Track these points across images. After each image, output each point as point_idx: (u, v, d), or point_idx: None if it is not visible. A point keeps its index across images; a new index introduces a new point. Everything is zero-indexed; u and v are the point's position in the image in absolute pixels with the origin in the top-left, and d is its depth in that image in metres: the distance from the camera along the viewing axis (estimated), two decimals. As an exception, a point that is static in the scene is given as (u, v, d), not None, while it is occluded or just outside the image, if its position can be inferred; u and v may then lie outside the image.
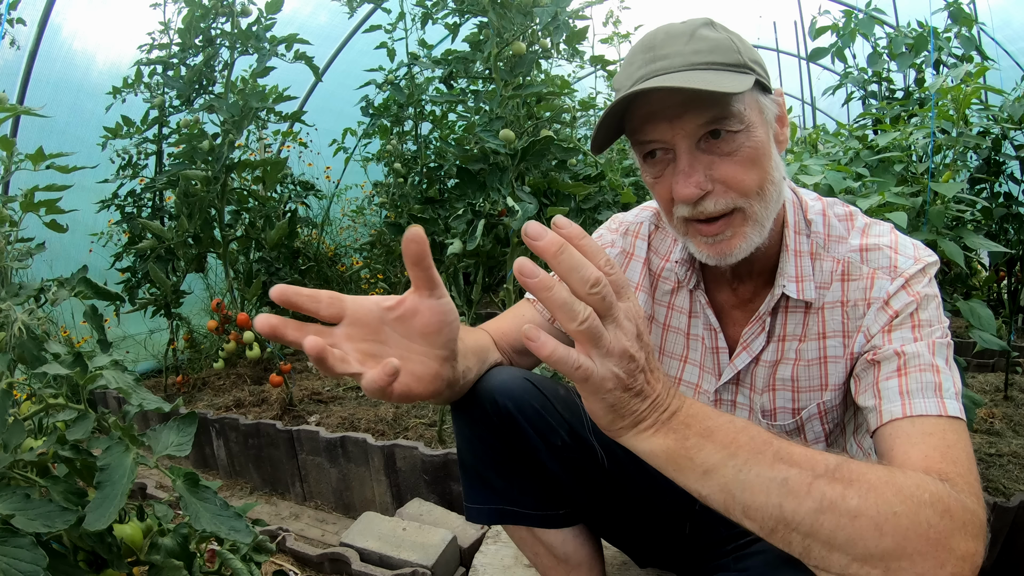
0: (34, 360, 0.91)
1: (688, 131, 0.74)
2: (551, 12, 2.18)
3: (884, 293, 0.80)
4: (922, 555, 0.54)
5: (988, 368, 2.68)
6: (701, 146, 0.76)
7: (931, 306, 0.79)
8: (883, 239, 0.84)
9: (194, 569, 1.00)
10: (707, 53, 0.74)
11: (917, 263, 0.81)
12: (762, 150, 0.76)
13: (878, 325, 0.80)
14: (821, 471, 0.56)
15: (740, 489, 0.56)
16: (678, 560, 1.14)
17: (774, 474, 0.55)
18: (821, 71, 4.68)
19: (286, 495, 2.26)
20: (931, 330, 0.77)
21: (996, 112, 1.97)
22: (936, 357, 0.75)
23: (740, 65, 0.74)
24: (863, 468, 0.57)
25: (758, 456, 0.56)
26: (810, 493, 0.55)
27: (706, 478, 0.57)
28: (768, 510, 0.55)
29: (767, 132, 0.78)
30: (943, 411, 0.70)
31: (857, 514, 0.54)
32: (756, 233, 0.79)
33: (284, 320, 0.55)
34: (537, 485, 1.01)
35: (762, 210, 0.78)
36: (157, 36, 2.79)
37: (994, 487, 1.60)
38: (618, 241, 1.04)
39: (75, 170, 1.29)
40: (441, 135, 3.47)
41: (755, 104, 0.76)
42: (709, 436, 0.57)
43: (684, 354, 1.00)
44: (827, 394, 0.88)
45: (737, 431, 0.57)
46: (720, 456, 0.56)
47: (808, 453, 0.57)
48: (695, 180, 0.75)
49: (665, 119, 0.75)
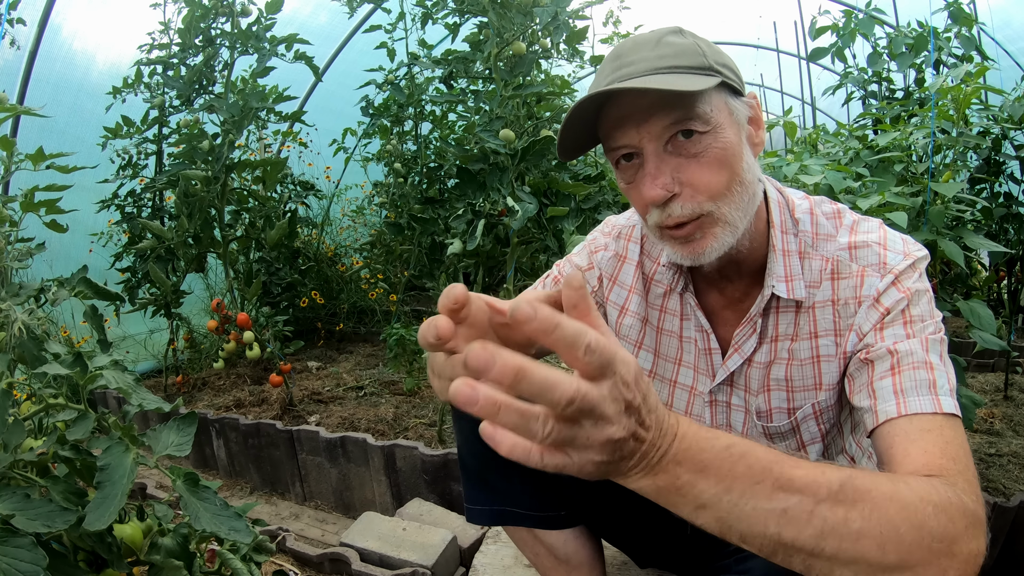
0: (34, 360, 0.91)
1: (654, 133, 0.75)
2: (551, 12, 2.18)
3: (874, 291, 0.80)
4: (926, 565, 0.54)
5: (988, 368, 2.68)
6: (668, 149, 0.76)
7: (922, 301, 0.79)
8: (871, 236, 0.84)
9: (194, 569, 1.00)
10: (671, 57, 0.75)
11: (907, 259, 0.81)
12: (731, 151, 0.77)
13: (870, 323, 0.80)
14: (824, 495, 0.54)
15: (736, 521, 0.54)
16: (679, 561, 1.14)
17: (773, 505, 0.53)
18: (821, 71, 4.68)
19: (286, 495, 2.26)
20: (923, 326, 0.77)
21: (996, 112, 1.97)
22: (929, 353, 0.75)
23: (705, 68, 0.75)
24: (868, 485, 0.56)
25: (756, 487, 0.53)
26: (811, 521, 0.53)
27: (700, 512, 0.54)
28: (767, 538, 0.54)
29: (738, 134, 0.78)
30: (938, 408, 0.70)
31: (860, 536, 0.54)
32: (728, 234, 0.79)
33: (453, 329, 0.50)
34: (538, 486, 1.01)
35: (731, 212, 0.78)
36: (157, 36, 2.79)
37: (994, 487, 1.60)
38: (611, 244, 1.04)
39: (75, 170, 1.29)
40: (441, 135, 3.47)
41: (723, 106, 0.77)
42: (703, 471, 0.53)
43: (678, 356, 1.00)
44: (822, 394, 0.88)
45: (735, 461, 0.54)
46: (715, 491, 0.53)
47: (811, 475, 0.55)
48: (661, 182, 0.76)
49: (632, 123, 0.76)
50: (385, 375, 2.80)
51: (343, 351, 3.37)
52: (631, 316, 1.02)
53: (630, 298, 1.02)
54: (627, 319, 1.02)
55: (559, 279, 1.05)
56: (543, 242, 2.23)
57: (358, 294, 3.57)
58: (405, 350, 2.47)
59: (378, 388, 2.67)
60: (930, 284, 0.82)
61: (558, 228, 2.17)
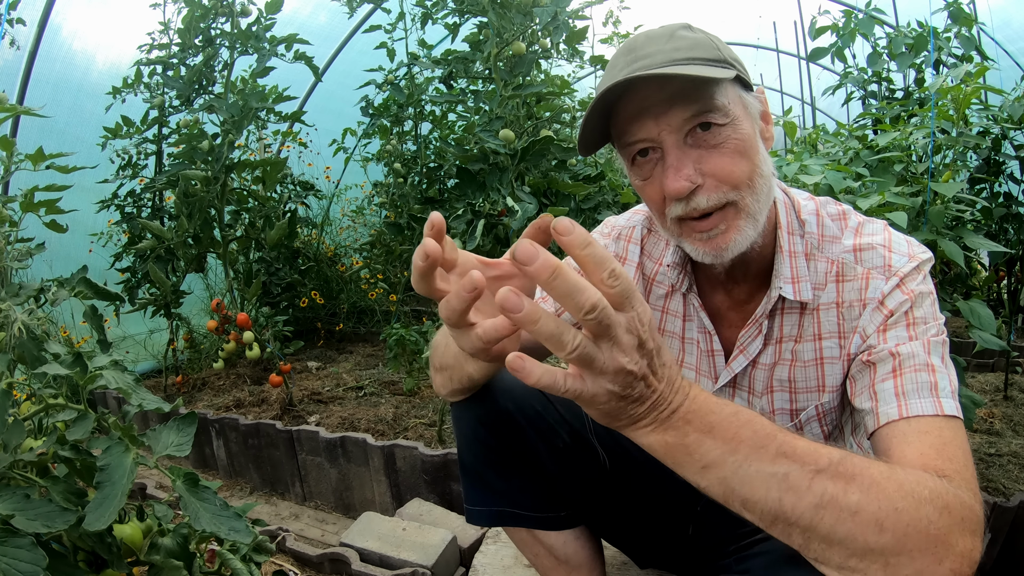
0: (34, 360, 0.91)
1: (675, 126, 0.75)
2: (551, 12, 2.18)
3: (879, 293, 0.80)
4: (921, 551, 0.54)
5: (988, 368, 2.68)
6: (688, 141, 0.76)
7: (926, 303, 0.79)
8: (876, 238, 0.84)
9: (194, 569, 1.00)
10: (687, 50, 0.75)
11: (912, 260, 0.81)
12: (749, 143, 0.77)
13: (873, 325, 0.80)
14: (824, 465, 0.56)
15: (740, 484, 0.56)
16: (679, 560, 1.13)
17: (775, 469, 0.55)
18: (821, 71, 4.68)
19: (286, 495, 2.26)
20: (926, 328, 0.77)
21: (996, 112, 1.97)
22: (931, 356, 0.74)
23: (721, 60, 0.75)
24: (865, 463, 0.58)
25: (760, 451, 0.56)
26: (811, 489, 0.55)
27: (705, 472, 0.57)
28: (768, 504, 0.56)
29: (753, 127, 0.78)
30: (939, 410, 0.70)
31: (857, 510, 0.54)
32: (750, 226, 0.79)
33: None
34: (538, 486, 1.01)
35: (754, 203, 0.78)
36: (157, 36, 2.79)
37: (994, 487, 1.60)
38: (610, 246, 1.04)
39: (75, 170, 1.29)
40: (441, 135, 3.47)
41: (738, 99, 0.77)
42: (710, 432, 0.56)
43: (679, 358, 1.00)
44: (825, 396, 0.88)
45: (740, 425, 0.57)
46: (720, 452, 0.56)
47: (811, 447, 0.57)
48: (685, 173, 0.75)
49: (651, 116, 0.75)
50: (385, 375, 2.80)
51: (343, 351, 3.37)
52: None
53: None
54: None
55: None
56: (543, 242, 2.23)
57: (358, 294, 3.57)
58: (405, 350, 2.47)
59: (378, 388, 2.67)
60: (933, 286, 0.82)
61: (558, 228, 2.16)
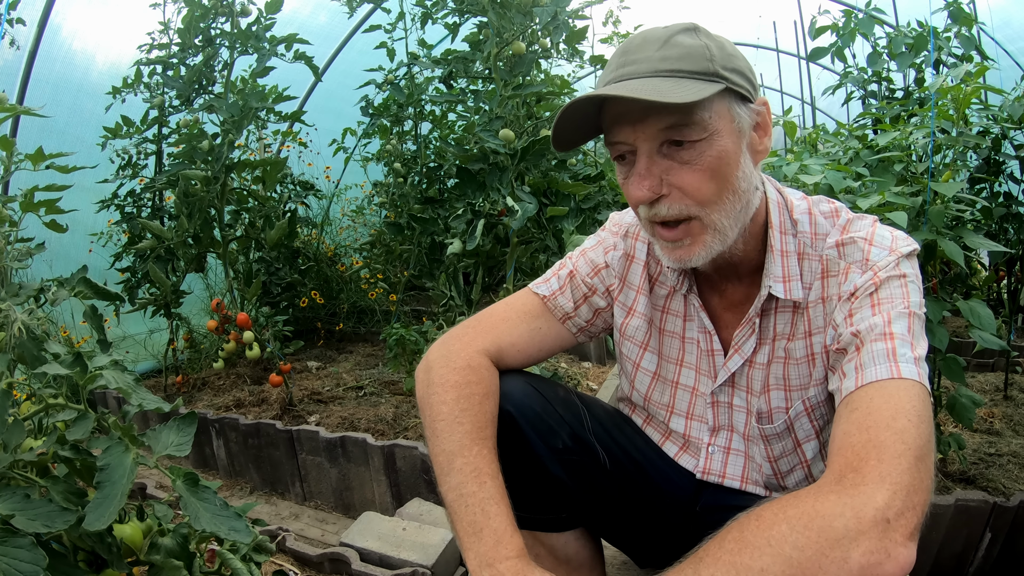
0: (34, 360, 0.91)
1: (649, 135, 0.76)
2: (551, 12, 2.18)
3: (853, 286, 0.80)
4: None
5: (988, 368, 2.68)
6: (663, 151, 0.77)
7: (893, 284, 0.78)
8: (859, 233, 0.84)
9: (194, 569, 1.00)
10: (675, 60, 0.74)
11: (891, 255, 0.80)
12: (725, 159, 0.76)
13: (842, 314, 0.80)
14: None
15: None
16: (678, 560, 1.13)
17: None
18: (821, 71, 4.68)
19: (286, 495, 2.26)
20: (891, 305, 0.76)
21: (996, 112, 1.97)
22: (892, 325, 0.74)
23: (709, 73, 0.74)
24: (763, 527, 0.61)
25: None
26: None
27: None
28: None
29: (737, 141, 0.77)
30: (896, 374, 0.69)
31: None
32: (717, 241, 0.79)
33: None
34: (539, 488, 1.01)
35: (721, 219, 0.78)
36: (157, 36, 2.79)
37: (994, 487, 1.60)
38: (620, 244, 1.04)
39: (75, 170, 1.29)
40: (441, 135, 3.47)
41: (725, 112, 0.76)
42: None
43: (680, 357, 1.00)
44: (811, 390, 0.88)
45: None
46: None
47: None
48: (648, 183, 0.77)
49: (629, 122, 0.77)
50: (385, 375, 2.80)
51: (343, 351, 3.36)
52: (638, 317, 1.02)
53: (637, 299, 1.02)
54: (634, 320, 1.02)
55: (575, 273, 1.04)
56: (543, 242, 2.23)
57: (358, 294, 3.57)
58: (405, 350, 2.47)
59: (378, 388, 2.67)
60: (920, 276, 0.82)
61: (558, 228, 2.17)
